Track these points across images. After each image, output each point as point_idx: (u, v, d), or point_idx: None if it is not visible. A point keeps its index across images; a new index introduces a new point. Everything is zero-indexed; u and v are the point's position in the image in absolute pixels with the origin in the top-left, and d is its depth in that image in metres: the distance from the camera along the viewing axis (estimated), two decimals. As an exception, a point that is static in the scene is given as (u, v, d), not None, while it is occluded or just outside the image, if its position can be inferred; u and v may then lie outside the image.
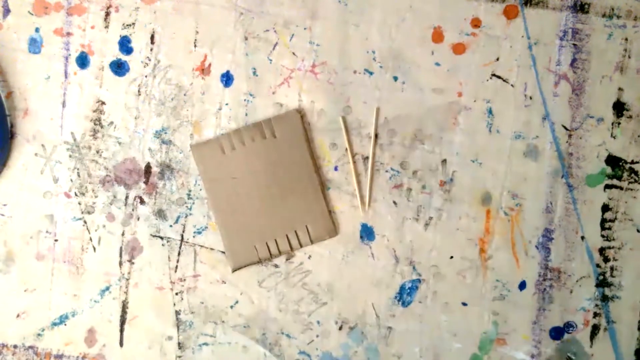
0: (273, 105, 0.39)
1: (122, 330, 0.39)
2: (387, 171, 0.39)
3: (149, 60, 0.39)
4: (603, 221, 0.40)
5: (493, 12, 0.39)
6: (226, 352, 0.39)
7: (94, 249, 0.39)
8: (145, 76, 0.39)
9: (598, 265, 0.40)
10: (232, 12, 0.39)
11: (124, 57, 0.39)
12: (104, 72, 0.39)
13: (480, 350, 0.39)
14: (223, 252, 0.39)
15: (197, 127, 0.39)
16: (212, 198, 0.38)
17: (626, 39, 0.40)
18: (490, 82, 0.39)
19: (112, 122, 0.39)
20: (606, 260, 0.40)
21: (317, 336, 0.40)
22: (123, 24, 0.39)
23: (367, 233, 0.39)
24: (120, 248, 0.39)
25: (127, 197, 0.39)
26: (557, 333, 0.40)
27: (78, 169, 0.39)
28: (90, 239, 0.39)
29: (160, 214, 0.39)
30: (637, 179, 0.40)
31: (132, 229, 0.39)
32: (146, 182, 0.39)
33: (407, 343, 0.39)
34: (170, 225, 0.39)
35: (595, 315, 0.40)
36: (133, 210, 0.39)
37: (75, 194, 0.39)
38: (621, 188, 0.40)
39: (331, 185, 0.39)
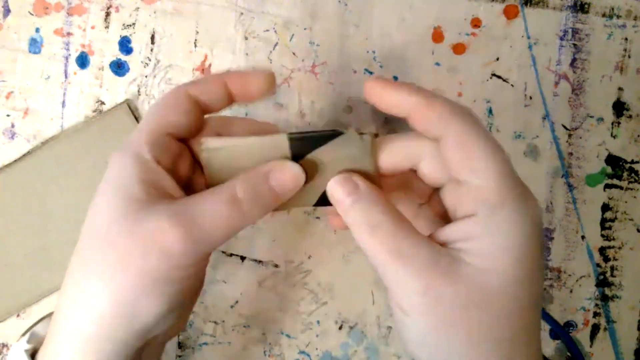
0: (273, 105, 0.39)
1: (122, 330, 0.39)
2: (387, 171, 0.39)
3: (149, 60, 0.39)
4: (603, 221, 0.40)
5: (493, 12, 0.39)
6: (226, 352, 0.39)
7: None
8: (145, 76, 0.39)
9: (598, 265, 0.40)
10: (232, 12, 0.39)
11: (123, 57, 0.39)
12: (104, 72, 0.39)
13: (480, 350, 0.39)
14: (223, 252, 0.39)
15: (197, 127, 0.39)
16: None
17: (626, 39, 0.40)
18: (490, 82, 0.39)
19: (112, 122, 0.39)
20: (606, 259, 0.40)
21: (317, 336, 0.40)
22: (123, 24, 0.39)
23: (367, 233, 0.39)
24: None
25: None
26: (557, 333, 0.40)
27: (78, 169, 0.39)
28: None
29: (161, 214, 0.39)
30: (637, 178, 0.40)
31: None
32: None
33: (407, 343, 0.39)
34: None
35: (595, 314, 0.40)
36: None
37: (76, 194, 0.39)
38: (621, 188, 0.40)
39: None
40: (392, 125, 0.39)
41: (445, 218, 0.28)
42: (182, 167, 0.28)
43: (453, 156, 0.25)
